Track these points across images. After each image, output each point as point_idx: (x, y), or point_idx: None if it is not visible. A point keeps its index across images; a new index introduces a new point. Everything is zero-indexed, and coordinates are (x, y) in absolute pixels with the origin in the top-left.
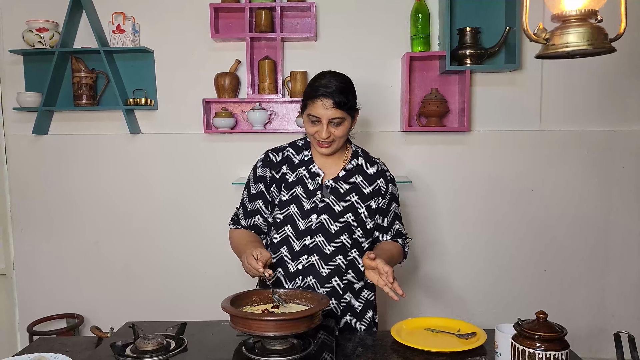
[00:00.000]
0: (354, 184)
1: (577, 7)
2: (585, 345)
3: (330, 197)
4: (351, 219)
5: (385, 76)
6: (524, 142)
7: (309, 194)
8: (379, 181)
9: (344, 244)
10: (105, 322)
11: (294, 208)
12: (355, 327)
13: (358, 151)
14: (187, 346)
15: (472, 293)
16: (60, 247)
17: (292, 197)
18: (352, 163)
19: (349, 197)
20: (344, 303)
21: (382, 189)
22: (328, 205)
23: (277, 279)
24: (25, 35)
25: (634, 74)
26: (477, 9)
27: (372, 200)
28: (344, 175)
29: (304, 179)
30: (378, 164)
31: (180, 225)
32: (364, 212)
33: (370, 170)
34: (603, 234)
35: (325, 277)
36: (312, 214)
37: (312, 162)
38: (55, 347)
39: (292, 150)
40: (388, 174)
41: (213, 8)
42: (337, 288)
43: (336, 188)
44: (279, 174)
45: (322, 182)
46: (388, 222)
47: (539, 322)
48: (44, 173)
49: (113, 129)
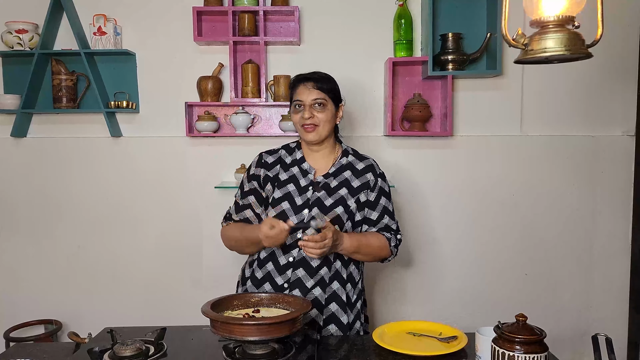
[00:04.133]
0: (343, 179)
1: (555, 13)
2: (568, 348)
3: (322, 192)
4: (341, 211)
5: (368, 81)
6: (505, 146)
7: (301, 190)
8: (368, 175)
9: None
10: (86, 328)
11: (287, 204)
12: (340, 318)
13: (348, 150)
14: (166, 351)
15: (454, 297)
16: (40, 251)
17: (284, 194)
18: (342, 160)
19: (339, 191)
20: (329, 292)
21: (371, 182)
22: (319, 200)
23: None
24: (5, 36)
25: (613, 80)
26: (460, 15)
27: (361, 194)
28: (334, 171)
29: (296, 177)
30: (368, 159)
31: (163, 229)
32: (353, 205)
33: (360, 165)
34: (585, 237)
35: (315, 268)
36: (303, 209)
37: (303, 160)
38: (33, 353)
39: (285, 152)
40: (377, 169)
41: (196, 11)
42: (324, 278)
43: (327, 183)
44: (273, 173)
45: (313, 179)
46: (377, 215)
47: (518, 325)
48: (23, 176)
49: (94, 131)
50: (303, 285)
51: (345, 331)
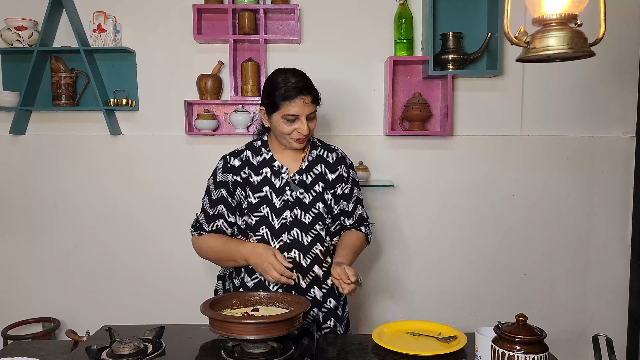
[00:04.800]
0: (317, 173)
1: (557, 11)
2: (566, 348)
3: (300, 190)
4: (322, 207)
5: (368, 80)
6: (505, 147)
7: (278, 192)
8: (340, 167)
9: (319, 233)
10: (84, 326)
11: (266, 208)
12: (336, 311)
13: (315, 141)
14: (165, 350)
15: (454, 296)
16: (39, 249)
17: (261, 198)
18: (312, 154)
19: (316, 186)
20: (325, 289)
21: (344, 175)
22: (299, 199)
23: (259, 280)
24: (4, 33)
25: (613, 81)
26: (460, 14)
27: (337, 187)
28: (306, 166)
29: (269, 178)
30: (337, 150)
31: (161, 227)
32: (330, 199)
33: (331, 157)
34: (584, 238)
35: (306, 268)
36: (285, 211)
37: (273, 160)
38: (30, 351)
39: (251, 153)
40: (347, 160)
41: (196, 9)
42: (318, 276)
43: (302, 180)
44: (242, 177)
45: (287, 178)
46: (351, 206)
47: (518, 325)
48: (22, 174)
49: (93, 129)
50: (299, 287)
51: (341, 322)
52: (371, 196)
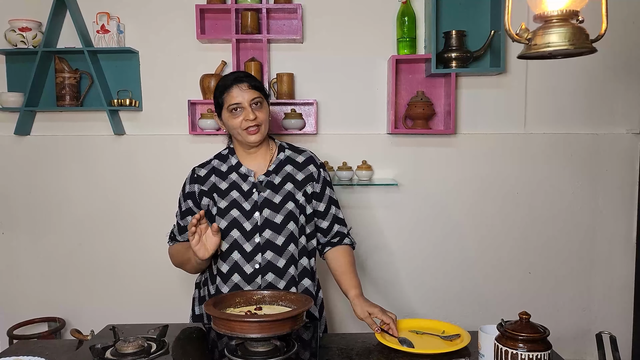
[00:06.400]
0: (286, 173)
1: (558, 7)
2: (570, 346)
3: (267, 191)
4: (293, 206)
5: (371, 78)
6: (509, 145)
7: (246, 195)
8: (310, 167)
9: (292, 232)
10: (88, 325)
11: (236, 212)
12: (314, 313)
13: (283, 145)
14: (168, 348)
15: (457, 294)
16: (43, 249)
17: (230, 202)
18: (279, 156)
19: (285, 186)
20: (301, 289)
21: (314, 174)
22: (267, 200)
23: (234, 285)
24: (8, 34)
25: (617, 78)
26: (463, 12)
27: (307, 186)
28: (274, 167)
29: (236, 183)
30: (306, 151)
31: (165, 227)
32: (302, 199)
33: (299, 158)
34: (588, 236)
35: (282, 269)
36: (254, 212)
37: (240, 165)
38: (35, 350)
39: (218, 161)
40: (317, 160)
41: (199, 9)
42: (295, 277)
43: (270, 181)
44: (208, 185)
45: (254, 180)
46: (324, 206)
47: (521, 323)
48: (26, 174)
49: (97, 129)
50: (275, 288)
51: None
52: (375, 195)
